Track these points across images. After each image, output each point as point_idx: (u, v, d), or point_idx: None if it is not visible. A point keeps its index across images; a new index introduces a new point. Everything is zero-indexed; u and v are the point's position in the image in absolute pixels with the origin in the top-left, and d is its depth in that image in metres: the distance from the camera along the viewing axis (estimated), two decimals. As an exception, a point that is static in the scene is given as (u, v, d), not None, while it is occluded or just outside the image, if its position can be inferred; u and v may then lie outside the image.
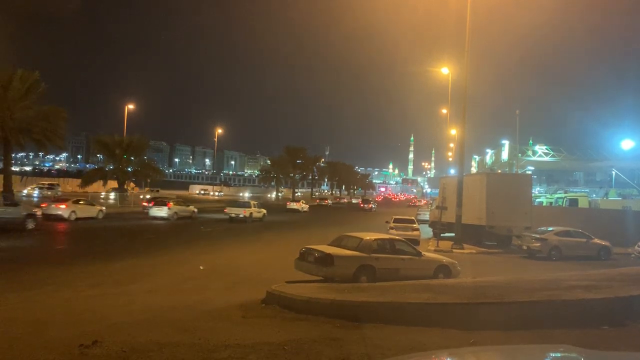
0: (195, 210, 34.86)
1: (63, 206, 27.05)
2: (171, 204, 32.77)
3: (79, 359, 5.78)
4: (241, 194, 62.55)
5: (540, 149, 62.98)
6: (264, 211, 35.63)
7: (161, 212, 31.60)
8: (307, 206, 54.30)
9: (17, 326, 7.16)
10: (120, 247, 18.37)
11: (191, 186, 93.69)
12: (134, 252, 16.89)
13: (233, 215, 32.95)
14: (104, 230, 24.49)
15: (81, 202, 29.13)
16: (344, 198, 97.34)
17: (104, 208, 31.13)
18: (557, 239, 20.58)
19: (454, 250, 21.18)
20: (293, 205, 51.91)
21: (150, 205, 33.38)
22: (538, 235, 20.80)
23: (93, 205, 30.59)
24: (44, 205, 27.68)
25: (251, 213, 33.51)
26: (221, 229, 28.27)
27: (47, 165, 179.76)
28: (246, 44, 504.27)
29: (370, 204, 68.52)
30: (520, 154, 59.74)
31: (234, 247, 20.45)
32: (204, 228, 27.70)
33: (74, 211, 27.12)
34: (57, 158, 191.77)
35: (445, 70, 35.40)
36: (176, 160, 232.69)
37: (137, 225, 28.00)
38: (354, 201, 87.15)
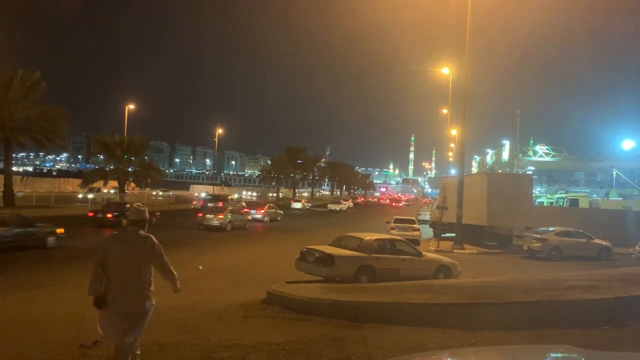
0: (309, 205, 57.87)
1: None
2: (304, 200, 58.45)
3: (79, 359, 5.78)
4: (196, 194, 66.90)
5: (540, 149, 63.06)
6: (346, 206, 60.60)
7: (297, 205, 54.09)
8: (352, 204, 72.48)
9: (17, 326, 7.16)
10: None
11: (192, 186, 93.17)
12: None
13: (333, 209, 54.43)
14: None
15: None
16: (361, 197, 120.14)
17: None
18: (558, 239, 20.57)
19: (455, 251, 21.17)
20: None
21: (291, 202, 56.36)
22: (538, 236, 20.78)
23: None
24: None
25: (342, 207, 56.94)
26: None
27: (47, 165, 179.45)
28: (246, 44, 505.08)
29: (400, 202, 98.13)
30: (520, 154, 59.82)
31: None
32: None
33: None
34: (58, 158, 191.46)
35: (445, 70, 35.43)
36: (177, 160, 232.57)
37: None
38: (370, 200, 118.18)
